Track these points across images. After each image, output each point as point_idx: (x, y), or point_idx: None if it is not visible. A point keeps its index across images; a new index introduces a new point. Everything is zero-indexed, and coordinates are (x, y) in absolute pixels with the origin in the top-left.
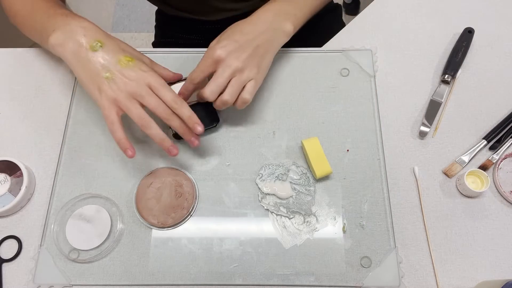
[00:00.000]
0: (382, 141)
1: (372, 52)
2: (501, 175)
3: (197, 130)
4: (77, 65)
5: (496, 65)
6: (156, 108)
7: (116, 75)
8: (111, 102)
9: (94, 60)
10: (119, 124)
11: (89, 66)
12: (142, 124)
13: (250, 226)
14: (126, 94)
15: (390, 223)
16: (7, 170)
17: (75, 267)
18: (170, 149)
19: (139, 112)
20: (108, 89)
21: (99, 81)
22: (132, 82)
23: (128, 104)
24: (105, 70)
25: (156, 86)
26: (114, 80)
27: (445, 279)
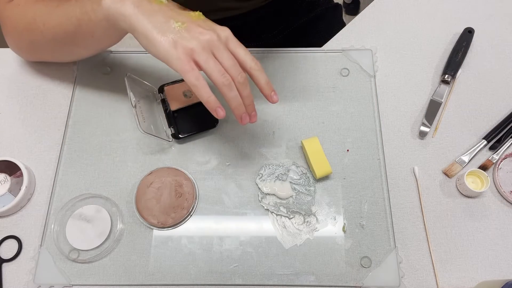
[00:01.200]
0: (382, 141)
1: (372, 52)
2: (501, 175)
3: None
4: (140, 16)
5: (496, 65)
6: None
7: (189, 25)
8: (186, 53)
9: (162, 11)
10: (204, 81)
11: (156, 16)
12: (223, 82)
13: (250, 226)
14: (202, 44)
15: (390, 223)
16: (7, 170)
17: (75, 267)
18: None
19: (220, 68)
20: (182, 39)
21: (170, 31)
22: (209, 32)
23: (206, 56)
24: (175, 19)
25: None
26: (188, 29)
27: (445, 279)
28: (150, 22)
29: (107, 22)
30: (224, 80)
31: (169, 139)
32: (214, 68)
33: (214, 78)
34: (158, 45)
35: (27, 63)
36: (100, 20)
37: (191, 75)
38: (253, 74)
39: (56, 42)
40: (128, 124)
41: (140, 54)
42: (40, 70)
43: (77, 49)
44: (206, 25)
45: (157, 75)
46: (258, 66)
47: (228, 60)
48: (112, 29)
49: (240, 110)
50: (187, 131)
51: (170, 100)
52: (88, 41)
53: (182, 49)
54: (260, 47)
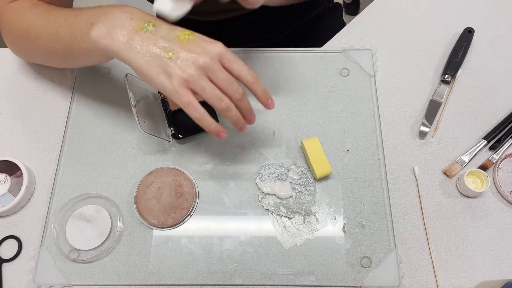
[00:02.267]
0: (382, 141)
1: (372, 52)
2: (501, 175)
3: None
4: (131, 53)
5: (496, 65)
6: (228, 87)
7: (180, 53)
8: (184, 85)
9: (151, 42)
10: (204, 110)
11: (146, 51)
12: (222, 107)
13: (250, 226)
14: (196, 71)
15: (390, 223)
16: (7, 170)
17: (75, 267)
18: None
19: (217, 93)
20: (177, 70)
21: (162, 64)
22: (200, 56)
23: (202, 83)
24: (166, 50)
25: (228, 57)
26: (180, 58)
27: (445, 279)
28: (141, 57)
29: (98, 52)
30: (222, 105)
31: (169, 139)
32: (211, 95)
33: (213, 104)
34: (153, 80)
35: (27, 63)
36: (90, 50)
37: (191, 108)
38: (250, 87)
39: (50, 55)
40: (128, 124)
41: None
42: (40, 70)
43: (71, 63)
44: (198, 47)
45: None
46: (253, 78)
47: (224, 80)
48: (105, 57)
49: (239, 123)
50: (187, 131)
51: (170, 100)
52: (82, 61)
53: (177, 82)
54: (261, 47)
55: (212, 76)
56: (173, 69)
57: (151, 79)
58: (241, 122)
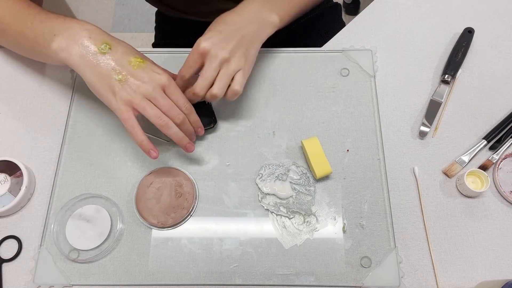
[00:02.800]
0: (382, 141)
1: (372, 52)
2: (501, 175)
3: (200, 133)
4: (86, 69)
5: (496, 65)
6: (169, 111)
7: (129, 77)
8: (127, 104)
9: (105, 63)
10: (139, 127)
11: (99, 70)
12: (160, 124)
13: (250, 226)
14: (140, 96)
15: (390, 223)
16: (7, 170)
17: (75, 267)
18: (188, 147)
19: (156, 112)
20: (123, 92)
21: (111, 84)
22: (146, 84)
23: (144, 104)
24: (116, 72)
25: (170, 89)
26: (128, 82)
27: (445, 279)
28: (93, 74)
29: (56, 61)
30: (161, 122)
31: (168, 139)
32: (151, 114)
33: (153, 121)
34: (101, 95)
35: (27, 63)
36: (50, 58)
37: (128, 123)
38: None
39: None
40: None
41: None
42: (40, 70)
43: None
44: (145, 75)
45: None
46: (188, 109)
47: (165, 105)
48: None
49: (182, 142)
50: None
51: None
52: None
53: (121, 101)
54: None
55: (154, 101)
56: (119, 90)
57: (100, 94)
58: (184, 141)
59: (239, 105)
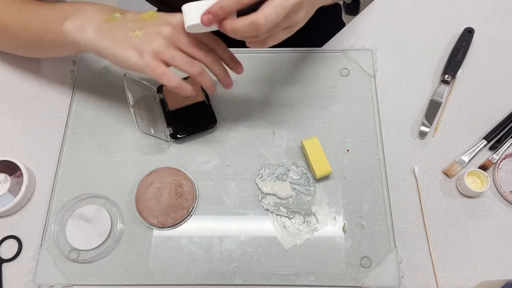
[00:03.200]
0: (382, 141)
1: (372, 52)
2: (501, 175)
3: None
4: (103, 40)
5: (496, 65)
6: (196, 52)
7: (146, 28)
8: (154, 58)
9: (119, 26)
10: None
11: (116, 34)
12: (193, 71)
13: (250, 226)
14: (164, 42)
15: (390, 223)
16: (7, 170)
17: (75, 267)
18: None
19: (187, 60)
20: (146, 45)
21: (131, 43)
22: (165, 27)
23: (172, 53)
24: (132, 29)
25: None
26: (147, 33)
27: (445, 279)
28: (112, 42)
29: (71, 45)
30: (195, 70)
31: (168, 139)
32: (182, 62)
33: (185, 70)
34: (126, 60)
35: (27, 63)
36: (63, 43)
37: (165, 78)
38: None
39: (18, 45)
40: (128, 124)
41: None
42: (40, 70)
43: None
44: (161, 20)
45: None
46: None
47: (191, 46)
48: (77, 49)
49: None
50: (185, 131)
51: (169, 100)
52: (52, 52)
53: (148, 55)
54: None
55: (178, 44)
56: (142, 44)
57: (125, 60)
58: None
59: (239, 105)
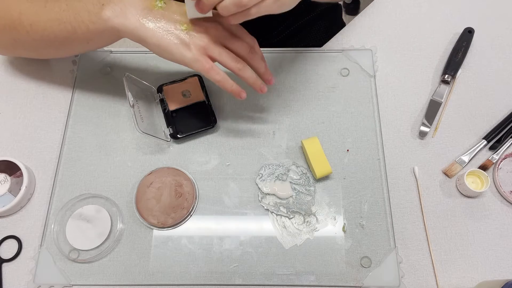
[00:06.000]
0: (382, 141)
1: (372, 52)
2: (501, 175)
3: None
4: (147, 30)
5: (496, 65)
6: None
7: (194, 24)
8: (202, 52)
9: (166, 18)
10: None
11: (163, 26)
12: (238, 67)
13: (250, 226)
14: (212, 39)
15: (390, 223)
16: (7, 170)
17: (75, 267)
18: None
19: (233, 56)
20: (194, 39)
21: (179, 36)
22: (213, 25)
23: (219, 49)
24: (180, 23)
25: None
26: (195, 29)
27: (445, 279)
28: (158, 31)
29: (108, 33)
30: (239, 66)
31: (167, 139)
32: (227, 59)
33: (229, 67)
34: (172, 52)
35: (27, 63)
36: (101, 32)
37: (213, 73)
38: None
39: (44, 42)
40: (128, 124)
41: (140, 54)
42: (40, 70)
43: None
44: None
45: (157, 75)
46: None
47: (236, 44)
48: (113, 38)
49: (257, 84)
50: (185, 131)
51: (169, 100)
52: (82, 45)
53: (196, 50)
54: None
55: (224, 42)
56: (190, 38)
57: (171, 52)
58: (259, 82)
59: (239, 105)
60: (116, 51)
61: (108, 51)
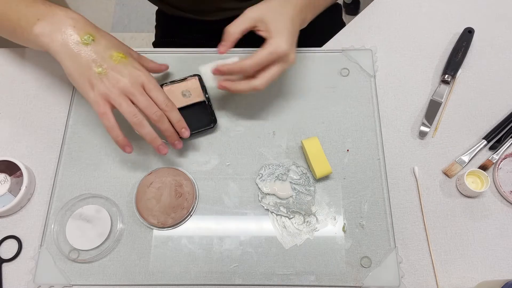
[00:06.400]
0: (382, 141)
1: (372, 52)
2: (501, 175)
3: (185, 135)
4: (66, 58)
5: (496, 65)
6: (146, 108)
7: (109, 71)
8: (103, 98)
9: (86, 54)
10: (115, 122)
11: (80, 60)
12: (134, 122)
13: (250, 226)
14: (118, 91)
15: (390, 223)
16: (7, 170)
17: (75, 267)
18: (160, 148)
19: (132, 110)
20: (101, 85)
21: (90, 76)
22: (125, 79)
23: (120, 100)
24: (97, 65)
25: (149, 86)
26: (107, 75)
27: (445, 279)
28: (73, 64)
29: (37, 46)
30: (135, 120)
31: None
32: (126, 111)
33: (127, 118)
34: (78, 86)
35: (27, 63)
36: (30, 41)
37: (104, 118)
38: (166, 114)
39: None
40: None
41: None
42: (40, 70)
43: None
44: (126, 70)
45: (156, 75)
46: (169, 106)
47: (142, 102)
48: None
49: (155, 143)
50: None
51: None
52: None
53: (98, 93)
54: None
55: (131, 98)
56: (97, 83)
57: (77, 86)
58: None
59: (239, 105)
60: None
61: None
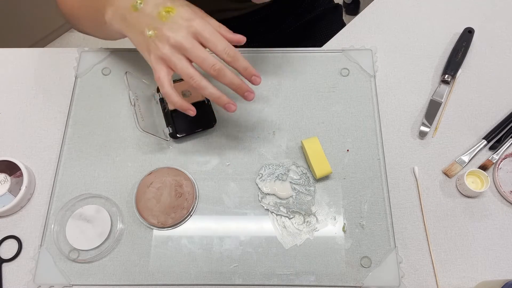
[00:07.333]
0: (382, 141)
1: (372, 52)
2: (501, 175)
3: (257, 82)
4: (128, 31)
5: (496, 65)
6: (203, 63)
7: (159, 31)
8: (160, 61)
9: (138, 20)
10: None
11: (135, 28)
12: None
13: (250, 226)
14: (170, 50)
15: (390, 223)
16: (7, 170)
17: (75, 267)
18: (228, 106)
19: (188, 72)
20: (154, 48)
21: (146, 41)
22: (174, 35)
23: (175, 60)
24: (149, 28)
25: (204, 35)
26: (158, 37)
27: (445, 279)
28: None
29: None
30: (193, 83)
31: (167, 139)
32: (182, 72)
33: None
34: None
35: (27, 63)
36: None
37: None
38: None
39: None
40: (128, 124)
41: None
42: (40, 70)
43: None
44: (175, 25)
45: None
46: (230, 56)
47: (197, 57)
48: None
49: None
50: (185, 130)
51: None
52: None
53: (154, 58)
54: (261, 47)
55: (186, 54)
56: (152, 47)
57: (143, 56)
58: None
59: (239, 105)
60: (116, 50)
61: (108, 51)
